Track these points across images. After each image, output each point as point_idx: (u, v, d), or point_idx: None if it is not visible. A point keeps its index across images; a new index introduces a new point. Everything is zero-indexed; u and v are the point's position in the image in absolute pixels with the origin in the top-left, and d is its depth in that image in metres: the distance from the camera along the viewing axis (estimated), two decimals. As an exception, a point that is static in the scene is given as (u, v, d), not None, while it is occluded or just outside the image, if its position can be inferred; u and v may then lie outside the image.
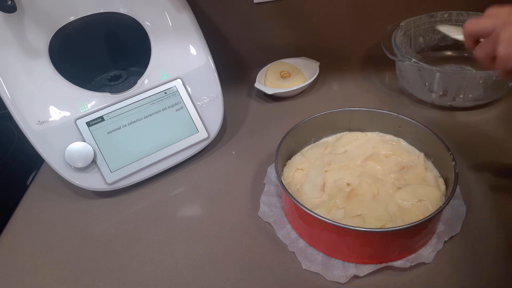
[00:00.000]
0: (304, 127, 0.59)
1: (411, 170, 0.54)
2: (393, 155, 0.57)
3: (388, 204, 0.50)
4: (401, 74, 0.75)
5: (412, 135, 0.58)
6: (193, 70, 0.65)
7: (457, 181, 0.47)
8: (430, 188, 0.51)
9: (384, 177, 0.54)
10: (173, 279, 0.49)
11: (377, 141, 0.60)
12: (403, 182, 0.53)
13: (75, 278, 0.51)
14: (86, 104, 0.59)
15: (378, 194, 0.52)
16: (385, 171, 0.55)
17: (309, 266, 0.48)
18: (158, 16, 0.65)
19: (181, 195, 0.61)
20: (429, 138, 0.54)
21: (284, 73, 0.80)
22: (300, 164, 0.58)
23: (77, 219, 0.59)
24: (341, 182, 0.54)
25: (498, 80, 0.64)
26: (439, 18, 0.77)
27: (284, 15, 0.81)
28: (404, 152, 0.57)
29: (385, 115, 0.59)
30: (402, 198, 0.50)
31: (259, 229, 0.54)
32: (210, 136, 0.65)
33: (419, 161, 0.55)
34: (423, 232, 0.47)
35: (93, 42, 0.69)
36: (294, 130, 0.58)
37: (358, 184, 0.53)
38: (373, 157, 0.57)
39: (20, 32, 0.58)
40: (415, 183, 0.52)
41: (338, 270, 0.47)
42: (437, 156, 0.54)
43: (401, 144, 0.59)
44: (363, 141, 0.60)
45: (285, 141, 0.56)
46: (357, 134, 0.61)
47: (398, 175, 0.54)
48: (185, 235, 0.54)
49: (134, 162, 0.60)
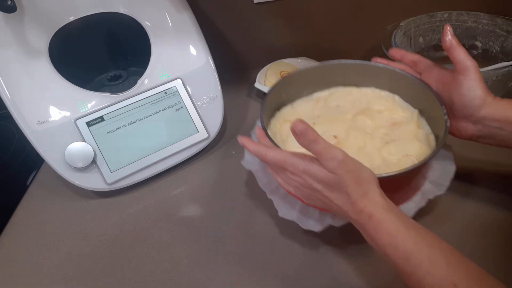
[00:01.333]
0: (295, 79, 0.57)
1: (403, 126, 0.53)
2: (386, 111, 0.56)
3: (373, 157, 0.49)
4: (401, 74, 0.75)
5: (407, 91, 0.56)
6: (193, 70, 0.65)
7: (447, 133, 0.46)
8: (419, 144, 0.50)
9: (374, 132, 0.53)
10: (173, 279, 0.49)
11: (372, 97, 0.58)
12: (392, 137, 0.52)
13: (75, 278, 0.51)
14: (86, 104, 0.59)
15: (365, 147, 0.51)
16: (375, 125, 0.54)
17: (285, 214, 0.48)
18: (158, 16, 0.65)
19: (181, 195, 0.61)
20: (424, 93, 0.52)
21: (284, 73, 0.80)
22: (289, 116, 0.57)
23: (77, 219, 0.59)
24: (327, 134, 0.52)
25: (498, 80, 0.64)
26: (439, 18, 0.77)
27: (284, 15, 0.81)
28: (398, 108, 0.56)
29: (381, 69, 0.56)
30: (389, 152, 0.49)
31: (259, 229, 0.54)
32: (210, 136, 0.65)
33: (412, 117, 0.54)
34: (405, 185, 0.46)
35: (93, 42, 0.69)
36: (284, 81, 0.56)
37: (345, 137, 0.52)
38: (365, 112, 0.56)
39: (20, 32, 0.58)
40: (405, 139, 0.51)
41: (314, 220, 0.47)
42: (431, 113, 0.52)
43: (396, 100, 0.57)
44: (357, 96, 0.58)
45: (276, 91, 0.55)
46: (351, 89, 0.59)
47: (388, 130, 0.53)
48: (185, 235, 0.54)
49: (134, 162, 0.60)
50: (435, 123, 0.51)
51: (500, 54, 0.74)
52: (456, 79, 0.46)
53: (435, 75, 0.50)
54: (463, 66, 0.45)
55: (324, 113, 0.56)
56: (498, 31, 0.73)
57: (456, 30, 0.78)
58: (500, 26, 0.73)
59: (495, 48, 0.75)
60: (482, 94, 0.45)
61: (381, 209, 0.38)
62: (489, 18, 0.74)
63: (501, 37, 0.73)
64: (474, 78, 0.45)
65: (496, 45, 0.74)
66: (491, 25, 0.74)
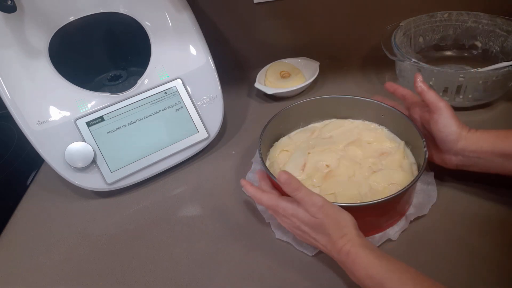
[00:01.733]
0: (292, 111, 0.62)
1: (390, 156, 0.57)
2: (375, 142, 0.60)
3: (361, 186, 0.53)
4: (401, 74, 0.75)
5: (394, 124, 0.60)
6: (193, 70, 0.65)
7: (425, 165, 0.50)
8: (403, 173, 0.54)
9: (363, 161, 0.57)
10: (173, 279, 0.49)
11: (362, 129, 0.62)
12: (379, 167, 0.56)
13: (75, 278, 0.51)
14: (86, 104, 0.59)
15: (354, 176, 0.55)
16: (365, 155, 0.58)
17: (282, 236, 0.52)
18: (158, 16, 0.65)
19: (181, 195, 0.61)
20: (408, 126, 0.56)
21: (284, 73, 0.80)
22: (286, 146, 0.61)
23: (77, 219, 0.59)
24: (321, 163, 0.57)
25: (498, 80, 0.64)
26: (439, 18, 0.77)
27: (284, 15, 0.81)
28: (386, 139, 0.60)
29: (370, 103, 0.61)
30: (375, 180, 0.54)
31: (259, 228, 0.54)
32: (210, 136, 0.65)
33: (399, 148, 0.58)
34: (390, 211, 0.49)
35: (93, 42, 0.69)
36: (282, 114, 0.60)
37: (337, 166, 0.56)
38: (355, 143, 0.60)
39: (20, 32, 0.57)
40: (391, 168, 0.55)
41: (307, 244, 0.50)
42: (414, 144, 0.56)
43: (384, 132, 0.62)
44: (348, 128, 0.63)
45: (273, 124, 0.59)
46: (343, 122, 0.64)
47: (376, 160, 0.57)
48: (185, 235, 0.54)
49: (134, 162, 0.60)
50: (418, 154, 0.55)
51: (500, 54, 0.74)
52: (433, 118, 0.51)
53: (418, 111, 0.55)
54: (436, 106, 0.50)
55: (318, 143, 0.60)
56: (498, 31, 0.73)
57: (456, 30, 0.78)
58: (500, 26, 0.73)
59: (495, 48, 0.75)
60: (456, 129, 0.50)
61: (357, 246, 0.42)
62: (489, 18, 0.74)
63: (501, 37, 0.73)
64: (447, 116, 0.50)
65: (496, 45, 0.74)
66: (491, 25, 0.74)
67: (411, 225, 0.51)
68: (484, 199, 0.54)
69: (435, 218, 0.52)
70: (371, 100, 0.61)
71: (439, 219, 0.52)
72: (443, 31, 0.79)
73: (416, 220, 0.52)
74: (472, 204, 0.54)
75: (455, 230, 0.51)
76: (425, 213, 0.52)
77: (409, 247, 0.49)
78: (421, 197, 0.54)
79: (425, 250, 0.49)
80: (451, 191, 0.55)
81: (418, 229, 0.51)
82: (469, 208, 0.53)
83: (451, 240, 0.50)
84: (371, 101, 0.61)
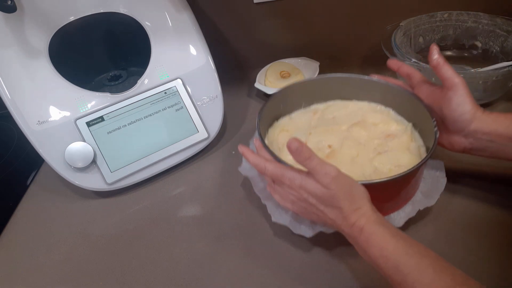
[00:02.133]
0: (294, 90, 0.59)
1: (396, 138, 0.54)
2: (381, 123, 0.57)
3: (365, 167, 0.51)
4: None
5: (401, 105, 0.57)
6: (193, 70, 0.65)
7: (435, 144, 0.47)
8: (410, 155, 0.51)
9: (367, 143, 0.54)
10: (173, 279, 0.49)
11: (367, 110, 0.59)
12: (385, 148, 0.53)
13: (75, 278, 0.51)
14: (86, 104, 0.59)
15: (358, 157, 0.52)
16: (369, 137, 0.55)
17: (278, 219, 0.49)
18: (158, 16, 0.65)
19: (181, 195, 0.61)
20: (416, 107, 0.53)
21: (284, 73, 0.80)
22: (286, 126, 0.58)
23: (77, 219, 0.59)
24: (322, 143, 0.54)
25: (498, 80, 0.64)
26: (439, 18, 0.77)
27: (284, 15, 0.81)
28: (393, 121, 0.57)
29: (376, 83, 0.58)
30: (381, 162, 0.51)
31: (259, 228, 0.54)
32: (210, 136, 0.65)
33: (406, 130, 0.55)
34: (395, 194, 0.47)
35: (93, 42, 0.69)
36: (283, 92, 0.58)
37: (339, 146, 0.53)
38: (360, 124, 0.57)
39: (20, 32, 0.58)
40: (397, 150, 0.52)
41: (306, 225, 0.48)
42: (423, 126, 0.53)
43: (391, 114, 0.58)
44: (353, 109, 0.60)
45: (273, 102, 0.57)
46: (347, 103, 0.61)
47: (382, 142, 0.54)
48: (185, 235, 0.54)
49: (134, 162, 0.60)
50: (427, 136, 0.52)
51: (500, 54, 0.74)
52: (446, 95, 0.47)
53: (426, 90, 0.52)
54: (452, 82, 0.47)
55: (321, 124, 0.58)
56: (498, 31, 0.73)
57: (456, 30, 0.78)
58: (500, 26, 0.73)
59: (495, 48, 0.75)
60: (471, 108, 0.46)
61: (372, 222, 0.39)
62: (489, 18, 0.74)
63: (501, 37, 0.73)
64: (462, 93, 0.46)
65: (496, 45, 0.74)
66: (491, 25, 0.74)
67: (410, 225, 0.51)
68: (484, 199, 0.54)
69: (435, 218, 0.52)
70: (378, 80, 0.57)
71: (439, 219, 0.52)
72: (443, 31, 0.79)
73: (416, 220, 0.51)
74: (472, 204, 0.54)
75: (454, 230, 0.51)
76: (433, 203, 0.49)
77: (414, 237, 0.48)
78: (429, 183, 0.51)
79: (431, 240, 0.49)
80: (451, 191, 0.55)
81: (418, 229, 0.51)
82: (469, 209, 0.53)
83: (451, 240, 0.50)
84: (377, 81, 0.57)
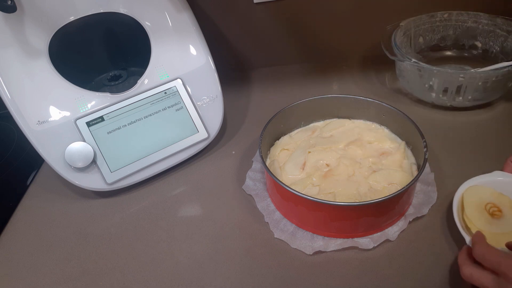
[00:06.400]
0: (293, 110, 0.62)
1: (390, 156, 0.57)
2: (375, 141, 0.60)
3: (360, 185, 0.53)
4: (401, 74, 0.75)
5: (394, 123, 0.61)
6: (193, 70, 0.65)
7: (425, 165, 0.50)
8: (403, 173, 0.54)
9: (363, 161, 0.57)
10: (173, 279, 0.49)
11: (363, 128, 0.63)
12: (379, 166, 0.56)
13: (75, 278, 0.51)
14: (86, 104, 0.59)
15: (354, 175, 0.55)
16: (365, 155, 0.58)
17: (280, 235, 0.52)
18: (158, 16, 0.65)
19: (181, 195, 0.61)
20: (408, 126, 0.56)
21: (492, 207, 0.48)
22: (287, 145, 0.61)
23: (77, 219, 0.59)
24: (321, 162, 0.57)
25: (498, 80, 0.64)
26: (439, 18, 0.77)
27: (284, 15, 0.81)
28: (387, 139, 0.60)
29: (371, 103, 0.61)
30: (375, 180, 0.54)
31: (259, 228, 0.54)
32: (210, 136, 0.65)
33: (399, 148, 0.58)
34: (389, 211, 0.49)
35: (93, 42, 0.69)
36: (283, 112, 0.61)
37: (336, 165, 0.56)
38: (356, 142, 0.60)
39: (20, 32, 0.57)
40: (391, 168, 0.55)
41: (306, 241, 0.50)
42: (415, 144, 0.56)
43: (385, 132, 0.62)
44: (349, 127, 0.63)
45: (274, 122, 0.60)
46: (344, 121, 0.64)
47: (376, 160, 0.57)
48: (185, 235, 0.54)
49: (134, 162, 0.60)
50: (418, 154, 0.56)
51: (500, 54, 0.74)
52: None
53: None
54: None
55: (319, 142, 0.61)
56: (498, 31, 0.73)
57: (456, 30, 0.78)
58: (500, 26, 0.73)
59: (495, 48, 0.75)
60: None
61: None
62: (489, 18, 0.74)
63: (501, 37, 0.73)
64: None
65: (496, 45, 0.75)
66: (491, 25, 0.74)
67: (410, 225, 0.52)
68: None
69: (434, 218, 0.52)
70: (373, 100, 0.61)
71: (439, 219, 0.52)
72: (443, 31, 0.79)
73: (415, 220, 0.52)
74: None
75: (454, 231, 0.50)
76: (424, 213, 0.52)
77: (408, 247, 0.50)
78: (421, 197, 0.55)
79: (424, 250, 0.49)
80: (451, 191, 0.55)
81: (417, 229, 0.51)
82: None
83: (450, 240, 0.50)
84: (372, 101, 0.61)
